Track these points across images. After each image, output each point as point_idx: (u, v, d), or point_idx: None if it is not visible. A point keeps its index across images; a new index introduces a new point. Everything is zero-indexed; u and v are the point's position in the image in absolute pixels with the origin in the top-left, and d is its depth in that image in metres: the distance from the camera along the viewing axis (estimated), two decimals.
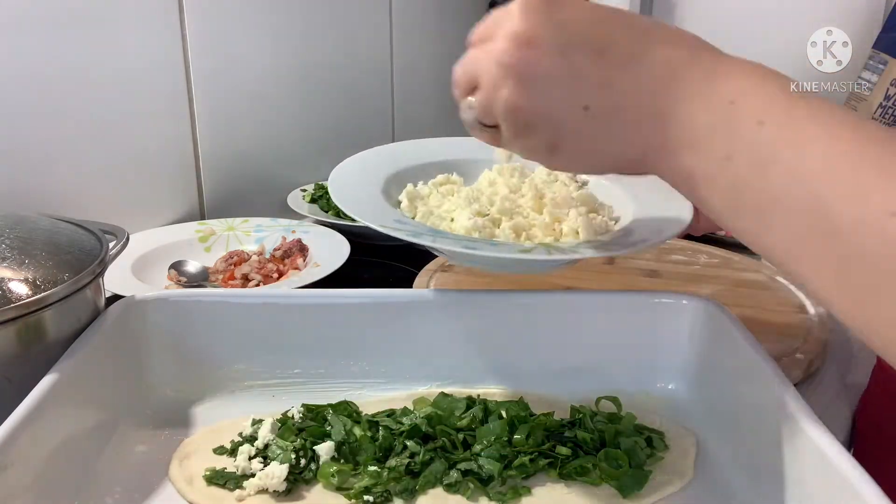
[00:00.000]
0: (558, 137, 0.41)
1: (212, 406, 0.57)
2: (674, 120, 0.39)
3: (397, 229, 0.52)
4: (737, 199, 0.37)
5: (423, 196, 0.61)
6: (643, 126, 0.40)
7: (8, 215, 0.56)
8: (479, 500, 0.49)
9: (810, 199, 0.34)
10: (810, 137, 0.35)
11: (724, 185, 0.38)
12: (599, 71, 0.39)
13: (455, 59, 0.48)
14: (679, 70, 0.39)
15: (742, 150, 0.37)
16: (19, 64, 0.76)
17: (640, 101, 0.39)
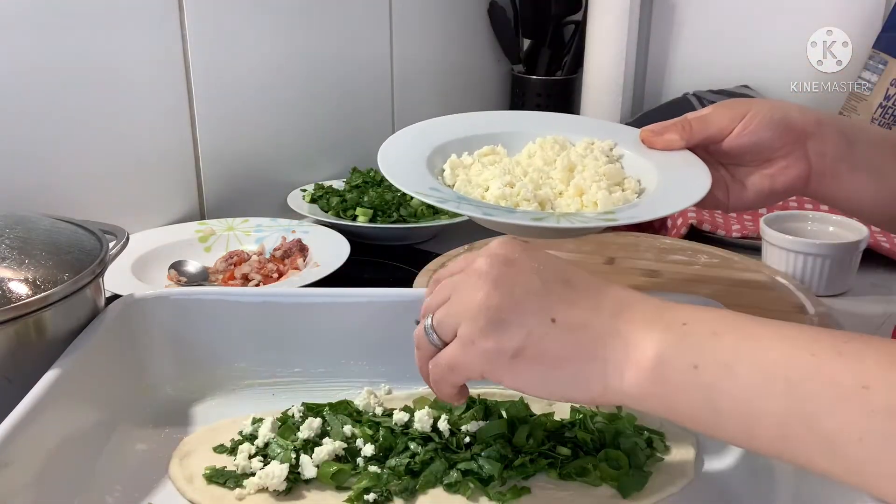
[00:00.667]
0: (525, 343, 0.42)
1: (212, 405, 0.57)
2: (634, 341, 0.41)
3: (427, 195, 0.55)
4: (713, 404, 0.39)
5: (465, 165, 0.63)
6: (603, 344, 0.42)
7: (8, 215, 0.56)
8: (480, 500, 0.49)
9: (785, 390, 0.36)
10: (766, 337, 0.39)
11: (697, 394, 0.39)
12: (566, 292, 0.43)
13: (455, 58, 0.48)
14: (633, 303, 0.43)
15: (707, 358, 0.39)
16: (19, 64, 0.76)
17: (600, 322, 0.42)
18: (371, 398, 0.56)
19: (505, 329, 0.42)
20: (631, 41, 1.25)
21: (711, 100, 1.22)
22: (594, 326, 0.42)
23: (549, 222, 0.53)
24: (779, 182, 0.59)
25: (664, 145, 0.61)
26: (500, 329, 0.42)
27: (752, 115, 0.58)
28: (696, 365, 0.39)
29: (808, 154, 0.58)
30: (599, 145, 0.64)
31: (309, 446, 0.51)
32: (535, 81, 1.38)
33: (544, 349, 0.42)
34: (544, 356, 0.42)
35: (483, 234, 0.90)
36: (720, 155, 0.60)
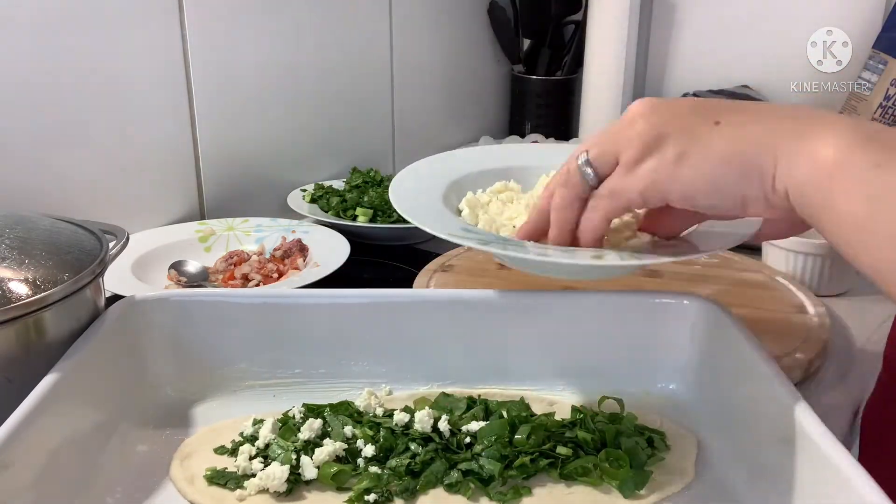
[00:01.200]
0: (688, 145, 0.42)
1: (212, 406, 0.57)
2: (809, 133, 0.39)
3: (467, 237, 0.53)
4: (876, 214, 0.37)
5: (483, 204, 0.61)
6: (776, 137, 0.40)
7: (8, 215, 0.56)
8: (480, 500, 0.49)
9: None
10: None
11: (865, 198, 0.37)
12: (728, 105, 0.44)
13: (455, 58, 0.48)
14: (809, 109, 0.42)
15: (891, 158, 0.37)
16: (19, 64, 0.76)
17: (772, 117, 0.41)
18: (372, 399, 0.56)
19: (667, 140, 0.42)
20: (631, 41, 1.25)
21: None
22: (763, 122, 0.41)
23: (612, 260, 0.50)
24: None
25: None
26: (662, 142, 0.42)
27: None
28: (878, 164, 0.37)
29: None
30: None
31: (309, 447, 0.51)
32: (535, 81, 1.38)
33: (710, 148, 0.41)
34: (709, 155, 0.41)
35: None
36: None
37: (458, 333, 0.59)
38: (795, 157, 0.39)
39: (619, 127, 0.45)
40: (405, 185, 0.62)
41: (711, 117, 0.42)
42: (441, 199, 0.60)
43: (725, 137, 0.41)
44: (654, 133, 0.43)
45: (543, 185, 0.61)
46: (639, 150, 0.43)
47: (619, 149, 0.44)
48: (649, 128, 0.43)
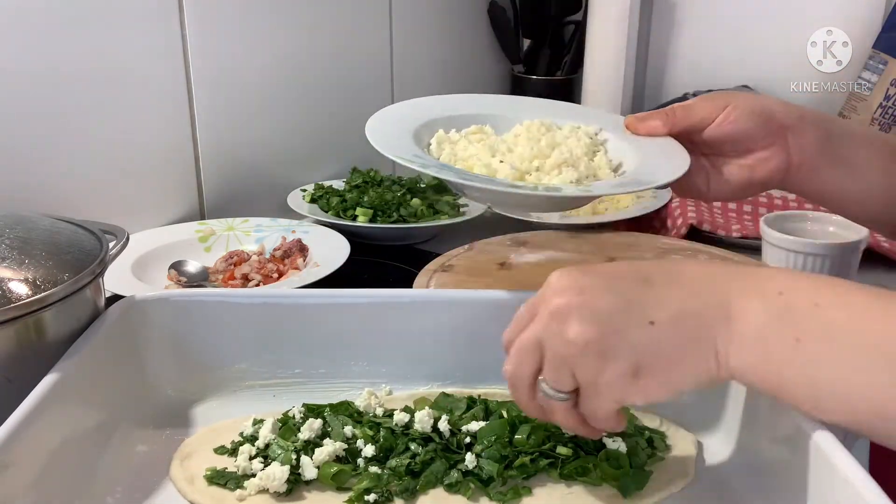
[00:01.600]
0: (638, 357, 0.42)
1: (212, 406, 0.57)
2: (734, 315, 0.41)
3: (409, 160, 0.56)
4: (814, 381, 0.39)
5: (452, 141, 0.64)
6: (708, 327, 0.41)
7: (8, 215, 0.56)
8: (480, 500, 0.49)
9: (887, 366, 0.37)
10: (862, 309, 0.39)
11: (799, 370, 0.40)
12: (650, 293, 0.42)
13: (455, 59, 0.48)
14: (718, 277, 0.43)
15: (808, 330, 0.39)
16: (19, 64, 0.76)
17: (696, 305, 0.42)
18: (371, 399, 0.56)
19: (613, 356, 0.42)
20: (631, 41, 1.25)
21: None
22: (691, 313, 0.42)
23: (526, 190, 0.55)
24: (757, 173, 0.60)
25: (647, 131, 0.62)
26: (609, 359, 0.42)
27: (733, 106, 0.59)
28: (797, 338, 0.39)
29: (788, 147, 0.59)
30: (585, 129, 0.66)
31: (309, 447, 0.51)
32: (535, 81, 1.38)
33: (658, 353, 0.42)
34: (661, 360, 0.42)
35: (484, 234, 0.91)
36: (702, 144, 0.61)
37: (458, 333, 0.59)
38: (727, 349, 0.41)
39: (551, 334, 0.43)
40: (383, 118, 0.65)
41: (642, 317, 0.42)
42: (412, 131, 0.63)
43: (668, 340, 0.42)
44: (595, 347, 0.42)
45: (515, 132, 0.65)
46: (591, 368, 0.42)
47: (570, 366, 0.43)
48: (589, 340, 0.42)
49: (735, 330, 0.41)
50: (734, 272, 0.43)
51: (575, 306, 0.42)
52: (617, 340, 0.42)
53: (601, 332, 0.42)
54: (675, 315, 0.42)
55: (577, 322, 0.42)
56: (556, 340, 0.43)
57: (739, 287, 0.42)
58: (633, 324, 0.42)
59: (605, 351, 0.42)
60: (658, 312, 0.42)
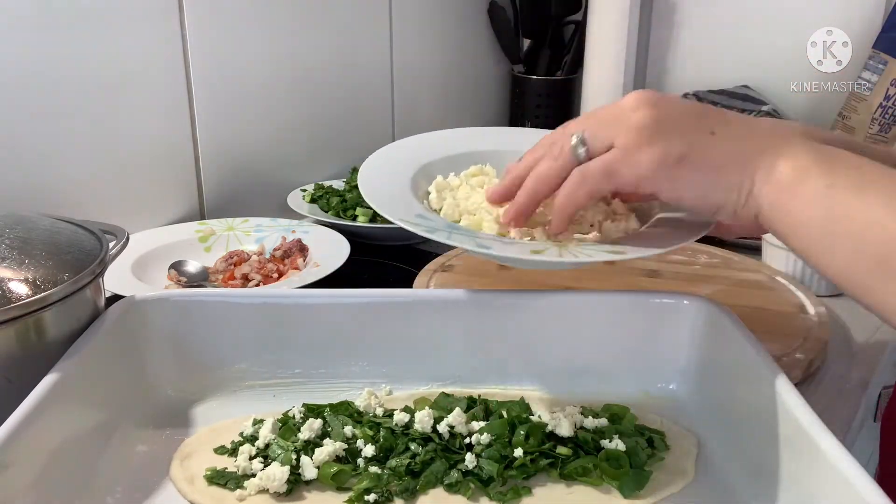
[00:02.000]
0: (690, 150, 0.45)
1: (212, 406, 0.57)
2: (784, 153, 0.45)
3: (416, 224, 0.53)
4: (830, 227, 0.42)
5: (452, 187, 0.60)
6: (759, 153, 0.45)
7: (8, 215, 0.56)
8: (480, 500, 0.49)
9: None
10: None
11: (819, 213, 0.42)
12: (720, 115, 0.48)
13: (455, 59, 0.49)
14: (781, 127, 0.47)
15: (843, 179, 0.42)
16: (19, 63, 0.76)
17: (754, 139, 0.46)
18: (371, 399, 0.56)
19: (669, 138, 0.45)
20: (631, 41, 1.25)
21: (711, 100, 1.22)
22: (749, 142, 0.46)
23: (550, 256, 0.50)
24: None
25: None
26: (664, 138, 0.45)
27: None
28: (831, 184, 0.42)
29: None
30: None
31: (309, 447, 0.51)
32: (535, 81, 1.38)
33: (707, 156, 0.45)
34: (706, 163, 0.45)
35: None
36: None
37: (458, 333, 0.59)
38: (764, 177, 0.45)
39: (617, 112, 0.47)
40: (375, 167, 0.61)
41: (707, 126, 0.46)
42: (409, 182, 0.59)
43: (719, 150, 0.46)
44: (655, 127, 0.45)
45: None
46: (639, 138, 0.46)
47: (616, 133, 0.46)
48: (650, 120, 0.45)
49: (777, 167, 0.44)
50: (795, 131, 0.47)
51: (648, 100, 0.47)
52: (676, 131, 0.46)
53: (664, 119, 0.46)
54: (735, 136, 0.46)
55: (645, 107, 0.46)
56: (618, 112, 0.47)
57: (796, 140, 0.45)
58: (697, 127, 0.46)
59: (659, 132, 0.45)
60: (722, 127, 0.46)
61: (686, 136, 0.46)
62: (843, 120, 1.16)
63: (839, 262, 0.42)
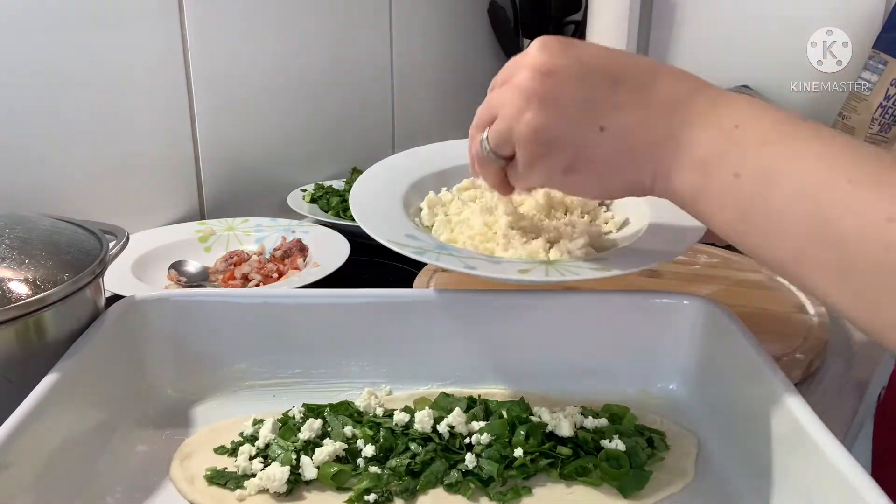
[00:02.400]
0: (576, 156, 0.44)
1: (212, 406, 0.57)
2: (684, 142, 0.42)
3: (403, 244, 0.54)
4: (744, 214, 0.40)
5: (444, 203, 0.61)
6: (655, 147, 0.43)
7: (8, 215, 0.56)
8: (480, 500, 0.49)
9: (813, 211, 0.37)
10: (811, 155, 0.39)
11: (732, 201, 0.40)
12: (613, 96, 0.43)
13: (455, 58, 0.49)
14: (685, 98, 0.43)
15: (749, 168, 0.40)
16: (19, 64, 0.76)
17: (651, 124, 0.43)
18: (372, 399, 0.56)
19: (555, 148, 0.44)
20: (631, 41, 1.25)
21: None
22: (645, 130, 0.42)
23: (537, 275, 0.51)
24: None
25: None
26: (550, 149, 0.44)
27: None
28: (737, 174, 0.40)
29: None
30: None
31: (309, 447, 0.51)
32: None
33: (595, 159, 0.43)
34: (596, 165, 0.44)
35: None
36: None
37: (457, 333, 0.59)
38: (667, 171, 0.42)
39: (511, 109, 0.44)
40: (367, 185, 0.62)
41: (595, 120, 0.43)
42: (401, 199, 0.60)
43: (608, 150, 0.43)
44: (543, 135, 0.44)
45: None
46: (530, 153, 0.45)
47: (513, 138, 0.45)
48: (537, 129, 0.43)
49: (680, 156, 0.42)
50: (700, 98, 0.42)
51: (538, 89, 0.43)
52: (563, 134, 0.43)
53: (552, 122, 0.43)
54: (625, 128, 0.43)
55: (534, 106, 0.43)
56: (510, 113, 0.45)
57: (699, 116, 0.42)
58: (585, 124, 0.43)
59: (548, 141, 0.43)
60: (611, 120, 0.43)
61: (572, 139, 0.43)
62: (843, 120, 1.16)
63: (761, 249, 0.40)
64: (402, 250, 0.53)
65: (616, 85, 0.43)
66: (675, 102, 0.42)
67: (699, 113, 0.42)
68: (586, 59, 0.44)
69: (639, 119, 0.42)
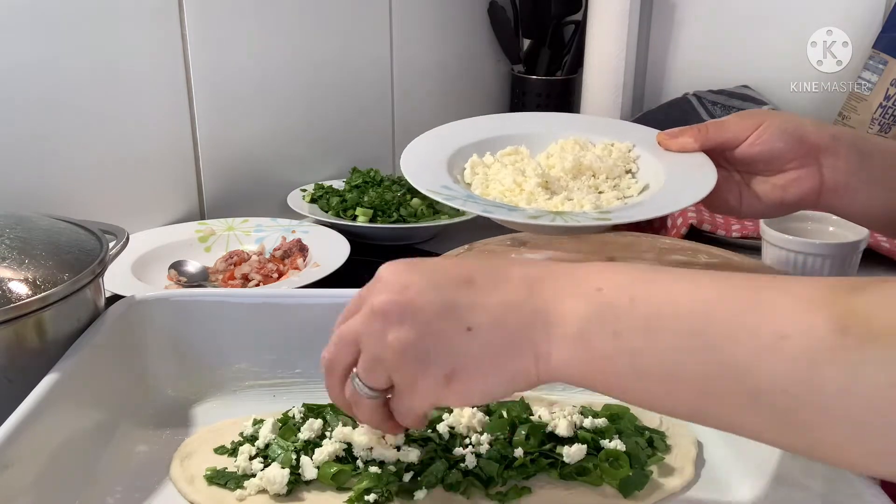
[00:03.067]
0: (452, 364, 0.41)
1: (212, 406, 0.57)
2: (552, 317, 0.40)
3: (436, 192, 0.58)
4: (638, 371, 0.38)
5: (486, 164, 0.65)
6: (526, 329, 0.41)
7: (8, 215, 0.56)
8: (480, 500, 0.49)
9: (705, 349, 0.36)
10: (681, 295, 0.38)
11: (621, 362, 0.38)
12: (471, 297, 0.42)
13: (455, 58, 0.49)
14: (540, 276, 0.42)
15: (626, 325, 0.38)
16: (19, 63, 0.76)
17: (515, 308, 0.41)
18: None
19: (428, 362, 0.41)
20: (631, 41, 1.25)
21: (711, 100, 1.22)
22: (511, 316, 0.41)
23: (545, 220, 0.56)
24: (790, 193, 0.60)
25: (678, 147, 0.63)
26: (424, 365, 0.41)
27: (766, 126, 0.60)
28: (616, 332, 0.38)
29: (822, 168, 0.59)
30: (619, 147, 0.66)
31: (309, 447, 0.51)
32: (535, 81, 1.38)
33: (473, 361, 0.41)
34: (475, 366, 0.41)
35: (484, 234, 0.91)
36: (735, 162, 0.62)
37: None
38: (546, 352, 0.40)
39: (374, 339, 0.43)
40: (419, 146, 0.66)
41: (460, 323, 0.41)
42: (447, 159, 0.64)
43: (483, 348, 0.41)
44: (412, 351, 0.41)
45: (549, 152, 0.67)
46: (407, 374, 0.42)
47: (386, 367, 0.43)
48: (406, 345, 0.41)
49: (555, 333, 0.40)
50: (557, 273, 0.42)
51: (396, 306, 0.42)
52: (434, 345, 0.41)
53: (419, 336, 0.41)
54: (492, 322, 0.41)
55: (396, 325, 0.41)
56: (373, 341, 0.42)
57: (560, 289, 0.41)
58: (451, 330, 0.41)
59: (420, 356, 0.41)
60: (476, 318, 0.41)
61: (443, 347, 0.41)
62: (843, 120, 1.16)
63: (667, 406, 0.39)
64: (434, 196, 0.58)
65: (471, 285, 0.42)
66: (531, 282, 0.42)
67: (559, 287, 0.41)
68: (435, 270, 0.43)
69: (502, 308, 0.41)
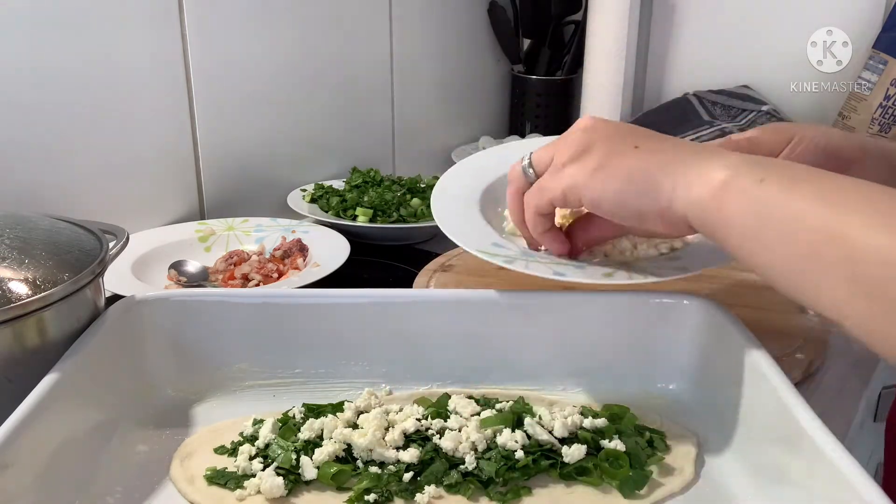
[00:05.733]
0: (606, 159, 0.49)
1: (212, 406, 0.57)
2: (708, 167, 0.46)
3: (494, 255, 0.57)
4: (764, 219, 0.42)
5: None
6: (681, 164, 0.47)
7: (8, 215, 0.56)
8: (480, 500, 0.49)
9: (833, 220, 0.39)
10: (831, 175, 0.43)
11: (753, 206, 0.43)
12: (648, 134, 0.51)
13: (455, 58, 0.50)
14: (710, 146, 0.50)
15: (774, 174, 0.43)
16: (19, 63, 0.76)
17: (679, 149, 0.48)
18: (372, 399, 0.56)
19: (590, 151, 0.50)
20: (631, 41, 1.25)
21: (711, 100, 1.22)
22: (673, 153, 0.48)
23: (620, 279, 0.55)
24: None
25: None
26: (586, 152, 0.50)
27: (798, 140, 0.60)
28: (762, 179, 0.43)
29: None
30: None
31: (309, 447, 0.51)
32: (535, 81, 1.38)
33: (622, 164, 0.48)
34: (620, 171, 0.48)
35: None
36: None
37: (458, 333, 0.59)
38: (692, 180, 0.46)
39: (561, 137, 0.53)
40: (446, 189, 0.65)
41: (633, 141, 0.49)
42: (478, 203, 0.63)
43: (637, 158, 0.48)
44: (583, 144, 0.50)
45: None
46: (567, 155, 0.51)
47: (555, 153, 0.52)
48: (581, 139, 0.50)
49: (703, 176, 0.45)
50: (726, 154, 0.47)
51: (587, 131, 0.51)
52: (601, 143, 0.50)
53: (596, 135, 0.50)
54: (657, 148, 0.49)
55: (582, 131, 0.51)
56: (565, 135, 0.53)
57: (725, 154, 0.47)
58: (621, 142, 0.49)
59: (586, 146, 0.50)
60: (645, 143, 0.49)
61: (608, 148, 0.49)
62: (843, 120, 1.16)
63: (772, 257, 0.42)
64: (492, 259, 0.56)
65: (652, 133, 0.51)
66: (700, 147, 0.49)
67: (723, 151, 0.47)
68: (623, 125, 0.53)
69: (668, 147, 0.49)
